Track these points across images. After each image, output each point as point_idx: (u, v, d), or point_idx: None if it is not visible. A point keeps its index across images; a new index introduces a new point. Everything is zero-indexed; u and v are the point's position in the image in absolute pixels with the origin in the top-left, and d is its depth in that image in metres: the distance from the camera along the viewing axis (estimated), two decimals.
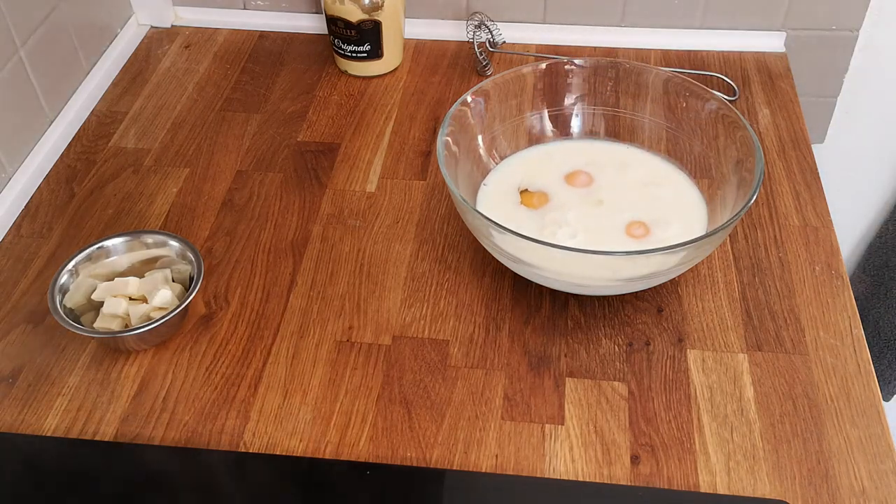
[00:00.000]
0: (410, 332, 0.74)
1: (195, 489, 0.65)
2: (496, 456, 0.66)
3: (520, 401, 0.69)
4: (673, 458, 0.65)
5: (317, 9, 1.09)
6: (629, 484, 0.64)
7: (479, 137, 0.83)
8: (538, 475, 0.65)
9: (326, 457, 0.66)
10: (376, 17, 0.97)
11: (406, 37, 1.05)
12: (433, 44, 1.07)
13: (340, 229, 0.84)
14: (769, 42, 1.04)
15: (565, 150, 0.85)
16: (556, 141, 0.86)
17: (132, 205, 0.87)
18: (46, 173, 0.91)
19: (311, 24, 1.10)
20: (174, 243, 0.76)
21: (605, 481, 0.64)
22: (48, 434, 0.68)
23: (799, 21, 1.03)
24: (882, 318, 1.21)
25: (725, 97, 0.79)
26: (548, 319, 0.75)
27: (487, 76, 0.75)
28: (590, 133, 0.86)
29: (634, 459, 0.65)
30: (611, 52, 1.04)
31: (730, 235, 0.81)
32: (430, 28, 1.08)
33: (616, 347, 0.73)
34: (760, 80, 0.99)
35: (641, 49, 1.04)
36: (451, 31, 1.07)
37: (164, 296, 0.73)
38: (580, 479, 0.64)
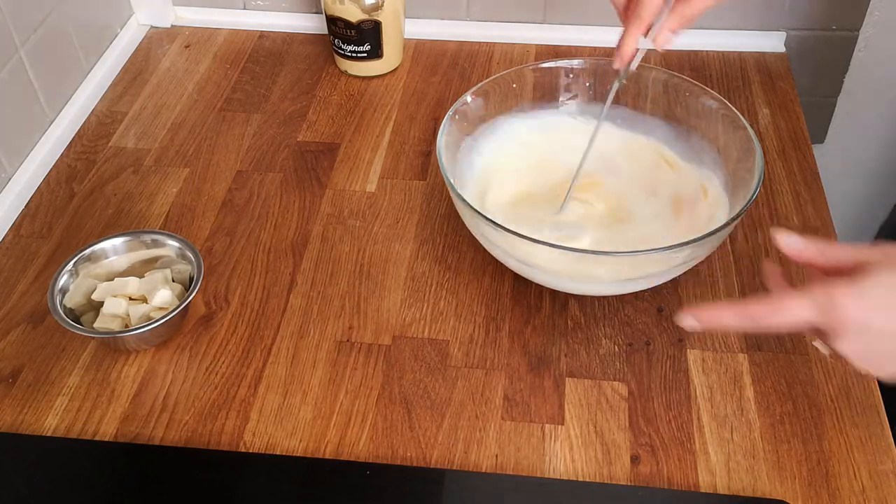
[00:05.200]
0: (410, 332, 0.74)
1: (195, 489, 0.65)
2: (496, 456, 0.66)
3: (520, 401, 0.69)
4: (673, 458, 0.65)
5: (317, 9, 1.09)
6: (629, 484, 0.64)
7: (480, 138, 0.83)
8: (538, 475, 0.65)
9: (326, 457, 0.66)
10: (376, 17, 0.97)
11: (406, 37, 1.05)
12: (433, 44, 1.07)
13: (340, 229, 0.84)
14: (769, 42, 1.04)
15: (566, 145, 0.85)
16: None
17: (132, 205, 0.87)
18: (46, 173, 0.91)
19: (311, 24, 1.10)
20: (174, 243, 0.76)
21: (605, 481, 0.64)
22: (48, 434, 0.68)
23: (799, 21, 1.03)
24: None
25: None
26: (548, 319, 0.75)
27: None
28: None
29: (634, 459, 0.65)
30: (611, 51, 1.04)
31: (730, 235, 0.81)
32: (430, 28, 1.08)
33: (616, 347, 0.73)
34: (760, 79, 0.99)
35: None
36: (451, 30, 1.07)
37: (163, 296, 0.73)
38: (580, 479, 0.64)
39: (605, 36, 1.05)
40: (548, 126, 0.85)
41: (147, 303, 0.73)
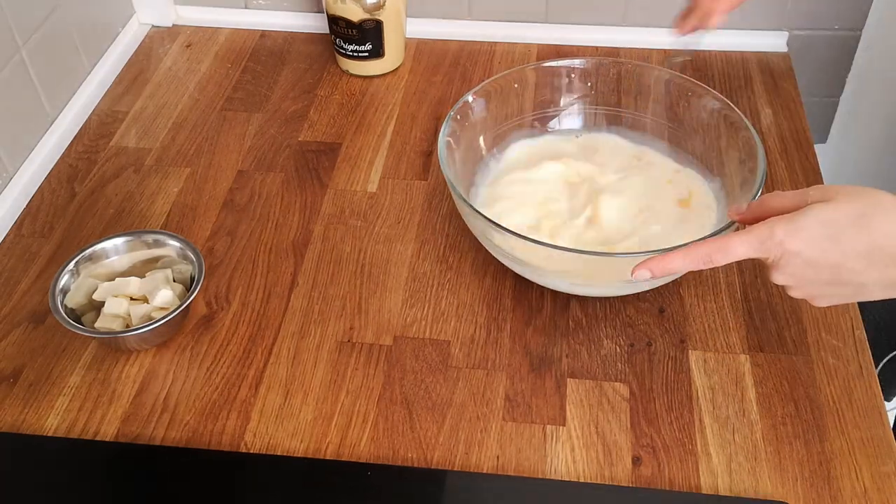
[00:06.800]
0: (411, 332, 0.74)
1: (195, 489, 0.65)
2: (497, 457, 0.66)
3: (521, 401, 0.69)
4: (674, 460, 0.65)
5: (318, 8, 1.09)
6: (630, 485, 0.64)
7: (481, 137, 0.83)
8: (539, 476, 0.65)
9: (327, 457, 0.66)
10: (378, 17, 0.97)
11: (407, 36, 1.05)
12: (435, 43, 1.07)
13: (342, 229, 0.84)
14: (772, 42, 1.04)
15: (566, 146, 0.85)
16: (555, 136, 0.86)
17: (133, 204, 0.87)
18: (48, 173, 0.91)
19: (312, 23, 1.10)
20: (175, 243, 0.76)
21: (607, 482, 0.64)
22: (49, 434, 0.68)
23: (801, 21, 1.03)
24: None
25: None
26: (549, 320, 0.75)
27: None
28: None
29: (636, 460, 0.65)
30: (612, 51, 1.04)
31: None
32: (431, 27, 1.07)
33: (617, 348, 0.73)
34: (763, 79, 0.99)
35: (643, 48, 1.04)
36: (452, 30, 1.07)
37: (164, 296, 0.73)
38: (581, 480, 0.64)
39: (606, 35, 1.05)
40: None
41: (148, 303, 0.73)
